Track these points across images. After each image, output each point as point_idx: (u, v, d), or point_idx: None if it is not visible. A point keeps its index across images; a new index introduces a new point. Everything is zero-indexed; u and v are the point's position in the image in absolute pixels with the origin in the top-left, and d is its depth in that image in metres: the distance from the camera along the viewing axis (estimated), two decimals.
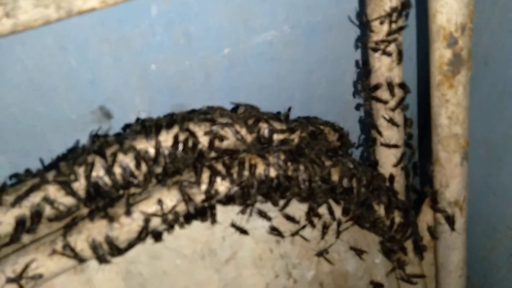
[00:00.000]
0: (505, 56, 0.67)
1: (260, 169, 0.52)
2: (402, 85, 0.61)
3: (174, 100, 0.63)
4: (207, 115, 0.51)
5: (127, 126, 0.62)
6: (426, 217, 0.71)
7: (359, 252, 0.68)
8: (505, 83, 0.68)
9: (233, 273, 0.62)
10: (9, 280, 0.40)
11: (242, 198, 0.52)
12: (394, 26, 0.55)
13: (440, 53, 0.52)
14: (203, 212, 0.50)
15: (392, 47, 0.57)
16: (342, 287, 0.72)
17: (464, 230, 0.67)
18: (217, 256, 0.59)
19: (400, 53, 0.58)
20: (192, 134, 0.49)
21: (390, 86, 0.59)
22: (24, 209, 0.42)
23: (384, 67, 0.59)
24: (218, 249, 0.59)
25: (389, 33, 0.56)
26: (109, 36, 0.54)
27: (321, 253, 0.66)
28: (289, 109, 0.67)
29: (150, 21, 0.55)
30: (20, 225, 0.41)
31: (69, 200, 0.44)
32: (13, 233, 0.41)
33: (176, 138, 0.48)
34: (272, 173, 0.53)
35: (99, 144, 0.46)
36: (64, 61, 0.54)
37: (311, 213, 0.59)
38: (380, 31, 0.56)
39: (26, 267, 0.41)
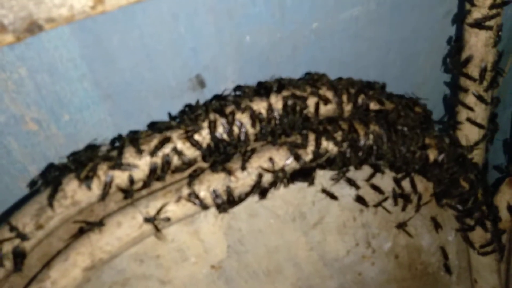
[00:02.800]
0: None
1: (361, 135, 0.54)
2: (496, 64, 0.61)
3: (261, 72, 0.65)
4: (312, 81, 0.53)
5: (216, 96, 0.65)
6: (505, 196, 0.71)
7: (437, 225, 0.69)
8: None
9: (319, 237, 0.64)
10: (146, 220, 0.44)
11: (343, 162, 0.54)
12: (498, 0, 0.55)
13: None
14: (307, 173, 0.53)
15: (492, 22, 0.57)
16: (415, 261, 0.74)
17: None
18: (306, 220, 0.62)
19: (499, 29, 0.58)
20: (300, 98, 0.52)
21: (483, 70, 0.60)
22: (156, 158, 0.46)
23: (480, 43, 0.60)
24: (308, 212, 0.62)
25: (492, 6, 0.56)
26: (216, 6, 0.57)
27: (401, 225, 0.68)
28: (384, 84, 0.68)
29: None
30: (153, 172, 0.45)
31: (192, 153, 0.47)
32: (146, 179, 0.45)
33: (285, 102, 0.51)
34: (371, 140, 0.55)
35: (219, 103, 0.49)
36: (174, 28, 0.57)
37: (399, 184, 0.61)
38: (482, 5, 0.56)
39: (160, 210, 0.45)
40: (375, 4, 0.66)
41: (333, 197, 0.61)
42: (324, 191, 0.60)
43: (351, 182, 0.61)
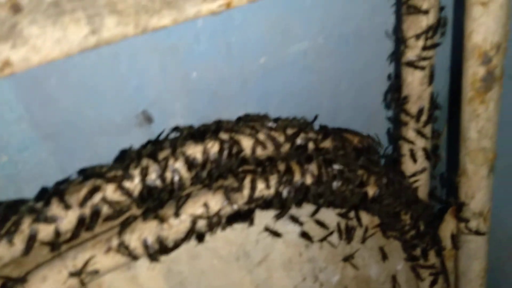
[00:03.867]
0: None
1: (297, 176, 0.55)
2: (432, 101, 0.64)
3: (211, 107, 0.65)
4: (251, 123, 0.54)
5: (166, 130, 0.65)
6: (448, 226, 0.73)
7: (384, 256, 0.70)
8: None
9: (264, 275, 0.64)
10: (71, 274, 0.43)
11: (280, 203, 0.55)
12: (429, 42, 0.58)
13: (474, 71, 0.55)
14: (243, 216, 0.53)
15: (425, 63, 0.60)
16: None
17: (487, 241, 0.69)
18: (250, 258, 0.62)
19: (432, 69, 0.60)
20: (236, 142, 0.52)
21: (421, 109, 0.62)
22: (85, 208, 0.45)
23: (416, 81, 0.62)
24: (252, 251, 0.62)
25: (424, 49, 0.58)
26: (158, 45, 0.57)
27: (347, 258, 0.69)
28: (316, 117, 0.70)
29: (196, 32, 0.58)
30: (81, 223, 0.44)
31: (124, 200, 0.47)
32: (74, 230, 0.44)
33: (222, 145, 0.51)
34: (308, 180, 0.55)
35: (152, 149, 0.49)
36: (116, 67, 0.57)
37: (344, 219, 0.62)
38: (415, 46, 0.59)
39: (87, 262, 0.44)
40: (322, 38, 0.68)
41: (276, 234, 0.61)
42: (267, 229, 0.60)
43: (294, 219, 0.62)
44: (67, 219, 0.44)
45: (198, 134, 0.51)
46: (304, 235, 0.64)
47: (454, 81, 0.74)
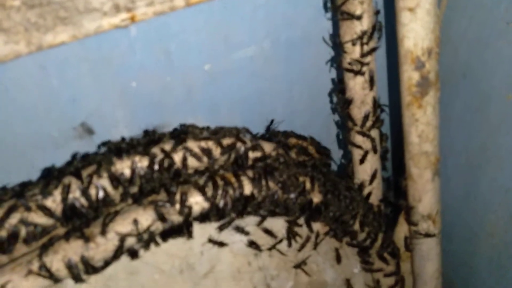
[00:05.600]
0: (482, 68, 0.69)
1: (235, 187, 0.54)
2: (376, 105, 0.63)
3: (156, 115, 0.64)
4: (183, 134, 0.53)
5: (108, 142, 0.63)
6: (402, 228, 0.72)
7: (339, 257, 0.70)
8: (482, 95, 0.70)
9: (211, 286, 0.63)
10: None
11: (218, 216, 0.53)
12: (366, 48, 0.57)
13: (409, 75, 0.54)
14: (179, 230, 0.52)
15: (364, 68, 0.59)
16: None
17: (438, 242, 0.69)
18: (195, 271, 0.61)
19: (372, 74, 0.60)
20: (167, 155, 0.51)
21: (366, 114, 0.61)
22: (1, 230, 0.43)
23: (358, 86, 0.61)
24: (197, 263, 0.61)
25: (362, 54, 0.57)
26: (89, 56, 0.56)
27: (299, 265, 0.68)
28: (271, 121, 0.69)
29: (130, 41, 0.57)
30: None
31: (46, 220, 0.45)
32: None
33: (152, 159, 0.50)
34: (247, 190, 0.54)
35: (76, 166, 0.48)
36: (44, 81, 0.55)
37: (291, 227, 0.61)
38: (352, 51, 0.58)
39: (4, 285, 0.42)
40: (269, 42, 0.67)
41: (221, 244, 0.60)
42: (211, 240, 0.59)
43: (240, 229, 0.61)
44: None
45: (127, 148, 0.50)
46: (252, 244, 0.63)
47: (395, 85, 0.73)
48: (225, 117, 0.69)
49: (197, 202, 0.51)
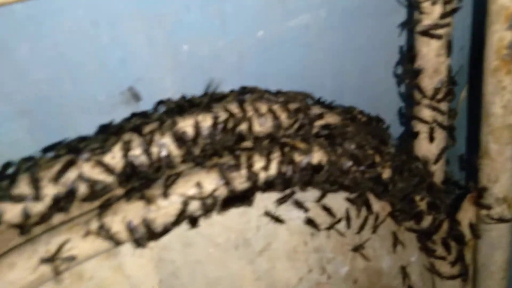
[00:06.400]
0: None
1: (303, 155, 0.49)
2: (450, 75, 0.58)
3: (206, 82, 0.61)
4: (249, 95, 0.48)
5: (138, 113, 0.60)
6: (467, 214, 0.67)
7: (396, 241, 0.64)
8: None
9: (266, 265, 0.59)
10: (43, 260, 0.38)
11: (283, 185, 0.49)
12: (447, 7, 0.52)
13: (500, 36, 0.49)
14: (242, 198, 0.47)
15: (443, 31, 0.54)
16: (376, 285, 0.69)
17: (510, 229, 0.63)
18: (251, 247, 0.57)
19: (450, 38, 0.55)
20: (232, 115, 0.46)
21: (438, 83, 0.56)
22: (59, 186, 0.39)
23: (432, 53, 0.56)
24: (253, 239, 0.56)
25: (442, 15, 0.52)
26: (143, 13, 0.53)
27: (357, 248, 0.63)
28: (318, 99, 0.65)
29: (185, 2, 0.54)
30: (55, 203, 0.39)
31: (105, 177, 0.41)
32: (46, 211, 0.39)
33: (216, 119, 0.46)
34: (315, 159, 0.50)
35: (135, 123, 0.44)
36: (96, 37, 0.52)
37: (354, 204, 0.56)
38: (431, 12, 0.53)
39: (60, 247, 0.38)
40: (325, 11, 0.64)
41: (278, 220, 0.56)
42: (267, 214, 0.55)
43: (299, 205, 0.56)
44: (38, 199, 0.39)
45: (189, 106, 0.46)
46: (310, 222, 0.59)
47: (473, 51, 0.68)
48: (272, 88, 0.66)
49: (263, 168, 0.47)
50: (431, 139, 0.62)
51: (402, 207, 0.59)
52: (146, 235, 0.42)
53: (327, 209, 0.59)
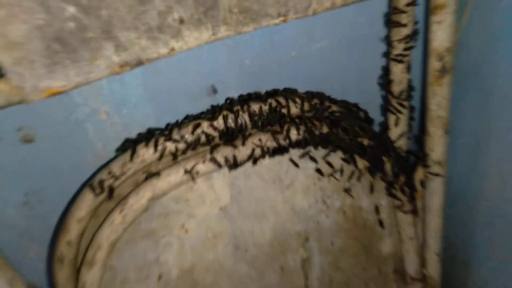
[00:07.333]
0: (490, 67, 0.97)
1: (317, 128, 0.86)
2: (409, 84, 0.94)
3: (256, 84, 0.95)
4: (288, 93, 0.85)
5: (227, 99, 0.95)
6: (419, 174, 1.04)
7: (372, 188, 1.01)
8: (489, 89, 0.98)
9: (290, 195, 0.96)
10: (186, 171, 0.75)
11: (305, 144, 0.86)
12: (407, 45, 0.87)
13: (434, 64, 0.85)
14: (283, 150, 0.85)
15: (405, 58, 0.90)
16: (358, 217, 1.07)
17: (443, 182, 1.00)
18: (282, 182, 0.94)
19: (409, 62, 0.90)
20: (279, 103, 0.83)
21: (403, 90, 0.92)
22: (192, 136, 0.77)
23: (398, 71, 0.92)
24: (284, 177, 0.94)
25: (404, 49, 0.88)
26: (228, 42, 0.87)
27: (347, 190, 1.00)
28: (329, 96, 1.00)
29: (252, 34, 0.88)
30: (190, 145, 0.76)
31: (213, 132, 0.79)
32: (185, 148, 0.77)
33: (270, 105, 0.83)
34: (323, 131, 0.87)
35: (227, 105, 0.81)
36: (200, 55, 0.87)
37: (348, 161, 0.94)
38: (397, 47, 0.89)
39: (192, 168, 0.76)
40: (337, 39, 0.96)
41: (296, 165, 0.93)
42: (291, 160, 0.92)
43: (312, 158, 0.93)
44: (181, 141, 0.76)
45: (255, 98, 0.82)
46: (318, 170, 0.96)
47: (422, 71, 1.04)
48: (300, 88, 1.01)
49: (294, 134, 0.84)
50: (396, 124, 0.98)
51: (375, 165, 0.96)
52: (233, 164, 0.79)
53: (329, 163, 0.96)
